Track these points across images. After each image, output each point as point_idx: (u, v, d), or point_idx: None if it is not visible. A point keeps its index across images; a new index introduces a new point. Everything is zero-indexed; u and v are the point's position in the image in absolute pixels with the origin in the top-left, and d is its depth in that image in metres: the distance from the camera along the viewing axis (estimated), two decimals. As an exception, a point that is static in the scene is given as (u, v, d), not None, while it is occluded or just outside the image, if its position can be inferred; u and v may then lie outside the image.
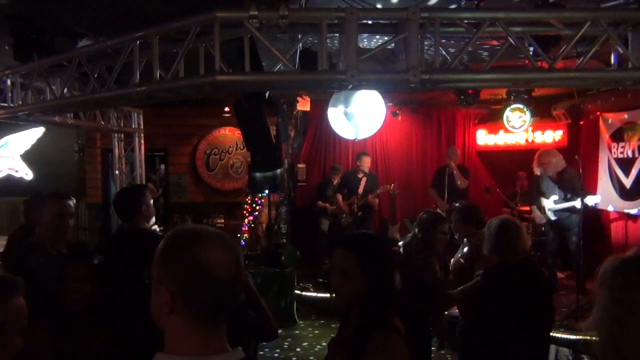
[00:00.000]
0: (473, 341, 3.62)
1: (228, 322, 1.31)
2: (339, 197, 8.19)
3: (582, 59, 3.67)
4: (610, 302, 1.23)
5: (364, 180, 8.01)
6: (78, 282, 2.58)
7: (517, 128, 8.38)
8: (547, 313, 3.46)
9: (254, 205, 8.93)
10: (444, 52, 3.89)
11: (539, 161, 6.99)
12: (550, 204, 7.06)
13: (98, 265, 2.68)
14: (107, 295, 2.66)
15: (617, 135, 7.46)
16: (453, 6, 4.09)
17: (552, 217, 7.09)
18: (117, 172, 8.10)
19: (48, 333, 2.42)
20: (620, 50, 3.64)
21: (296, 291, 7.40)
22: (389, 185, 8.44)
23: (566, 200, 6.84)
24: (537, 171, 7.10)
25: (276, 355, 6.13)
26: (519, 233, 3.44)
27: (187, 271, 1.23)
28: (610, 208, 7.60)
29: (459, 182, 7.99)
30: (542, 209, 7.26)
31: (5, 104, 5.27)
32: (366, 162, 8.08)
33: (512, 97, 8.02)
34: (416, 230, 3.91)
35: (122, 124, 7.71)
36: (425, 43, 3.83)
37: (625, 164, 7.26)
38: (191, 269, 1.22)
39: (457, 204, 4.48)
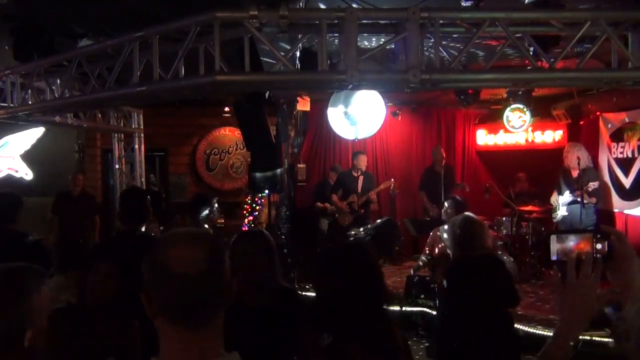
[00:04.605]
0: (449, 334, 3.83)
1: (216, 323, 1.28)
2: (334, 197, 8.19)
3: (582, 59, 3.67)
4: None
5: (361, 179, 8.00)
6: (103, 279, 2.74)
7: (517, 128, 8.37)
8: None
9: (254, 205, 8.91)
10: (444, 52, 3.89)
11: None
12: (564, 198, 7.14)
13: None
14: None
15: (617, 136, 7.45)
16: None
17: (564, 213, 7.12)
18: (117, 172, 8.10)
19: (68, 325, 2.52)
20: (620, 50, 3.64)
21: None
22: (390, 180, 8.45)
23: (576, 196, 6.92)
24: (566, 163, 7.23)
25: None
26: (482, 229, 3.62)
27: (151, 271, 1.23)
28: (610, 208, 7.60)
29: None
30: (555, 207, 7.30)
31: (5, 104, 5.25)
32: (363, 161, 8.06)
33: (512, 98, 8.02)
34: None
35: (122, 124, 7.71)
36: (427, 43, 3.83)
37: (625, 164, 7.25)
38: (154, 267, 1.23)
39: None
